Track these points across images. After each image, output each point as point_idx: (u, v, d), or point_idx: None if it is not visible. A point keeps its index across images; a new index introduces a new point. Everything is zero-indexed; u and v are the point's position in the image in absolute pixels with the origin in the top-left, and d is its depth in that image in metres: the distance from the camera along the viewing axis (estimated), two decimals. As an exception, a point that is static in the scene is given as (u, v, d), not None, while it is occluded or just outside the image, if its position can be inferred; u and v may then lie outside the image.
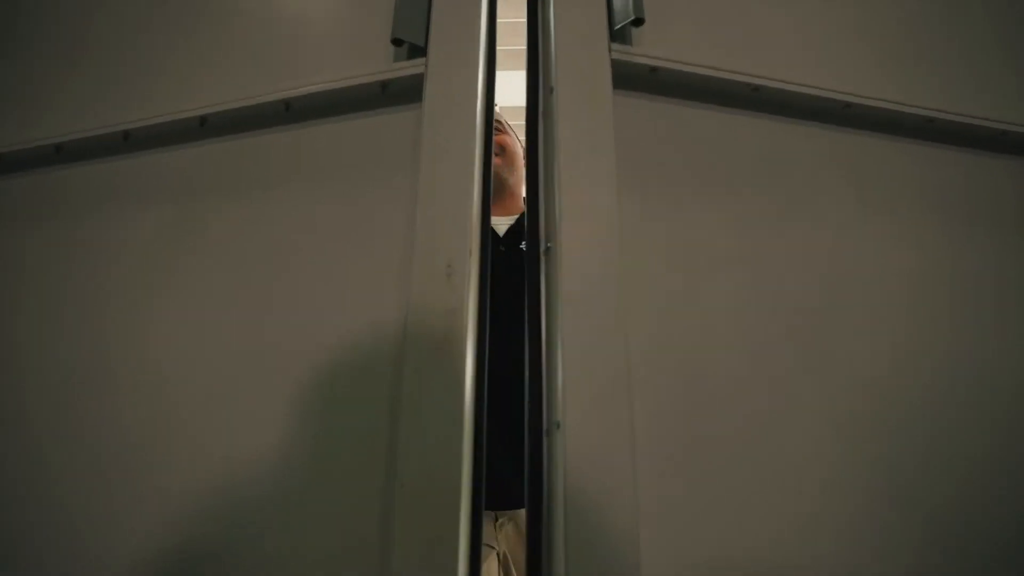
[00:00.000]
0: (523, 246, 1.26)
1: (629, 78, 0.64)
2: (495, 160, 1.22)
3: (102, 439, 0.61)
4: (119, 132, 0.75)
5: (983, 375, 0.62)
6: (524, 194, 1.44)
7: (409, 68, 0.64)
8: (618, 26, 0.63)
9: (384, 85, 0.65)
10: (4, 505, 0.61)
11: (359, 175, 0.64)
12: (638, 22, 0.62)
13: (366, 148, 0.66)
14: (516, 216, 1.28)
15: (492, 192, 1.30)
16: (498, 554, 1.08)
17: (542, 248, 0.56)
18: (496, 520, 1.07)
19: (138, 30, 0.83)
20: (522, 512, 0.98)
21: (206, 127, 0.73)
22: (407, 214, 0.57)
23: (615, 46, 0.63)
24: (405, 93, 0.64)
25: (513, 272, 1.22)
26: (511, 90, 6.80)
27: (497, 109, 1.43)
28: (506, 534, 1.07)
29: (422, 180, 0.56)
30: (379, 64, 0.66)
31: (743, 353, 0.57)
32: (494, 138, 1.31)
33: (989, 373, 0.62)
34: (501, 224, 1.26)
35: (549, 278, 0.53)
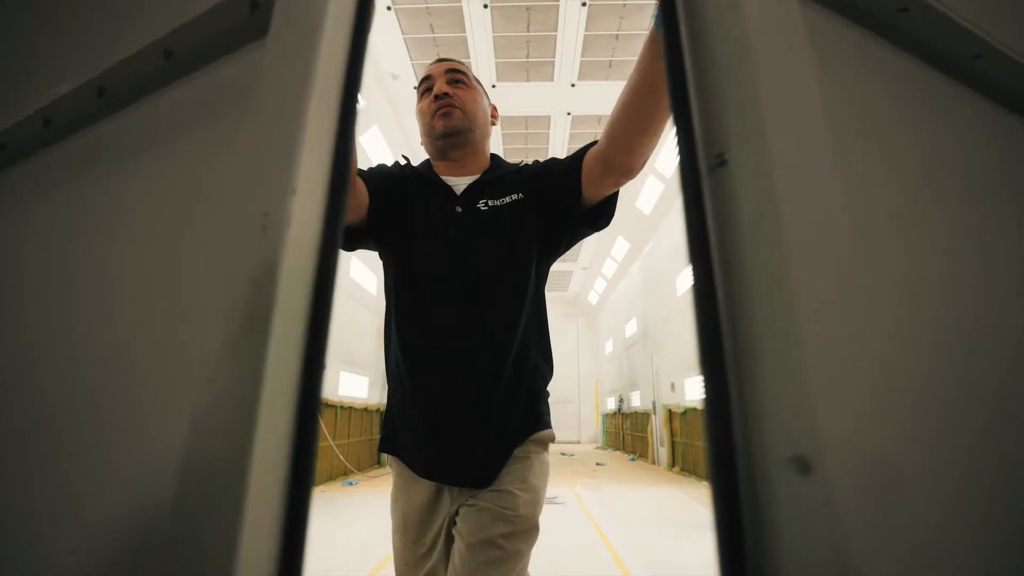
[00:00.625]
0: (484, 204, 1.14)
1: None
2: (453, 116, 1.17)
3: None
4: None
5: None
6: (490, 152, 1.32)
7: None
8: None
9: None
10: None
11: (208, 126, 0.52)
12: None
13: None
14: (476, 176, 1.21)
15: (447, 149, 1.20)
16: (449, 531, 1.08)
17: (707, 163, 0.39)
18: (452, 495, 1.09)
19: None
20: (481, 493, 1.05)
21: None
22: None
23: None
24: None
25: (470, 234, 1.11)
26: (518, 98, 6.86)
27: (462, 63, 1.30)
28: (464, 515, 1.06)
29: (251, 117, 0.43)
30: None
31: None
32: (450, 92, 1.18)
33: None
34: (460, 184, 1.20)
35: (726, 195, 0.37)
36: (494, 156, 1.32)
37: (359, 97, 0.46)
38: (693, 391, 9.92)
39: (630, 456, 14.62)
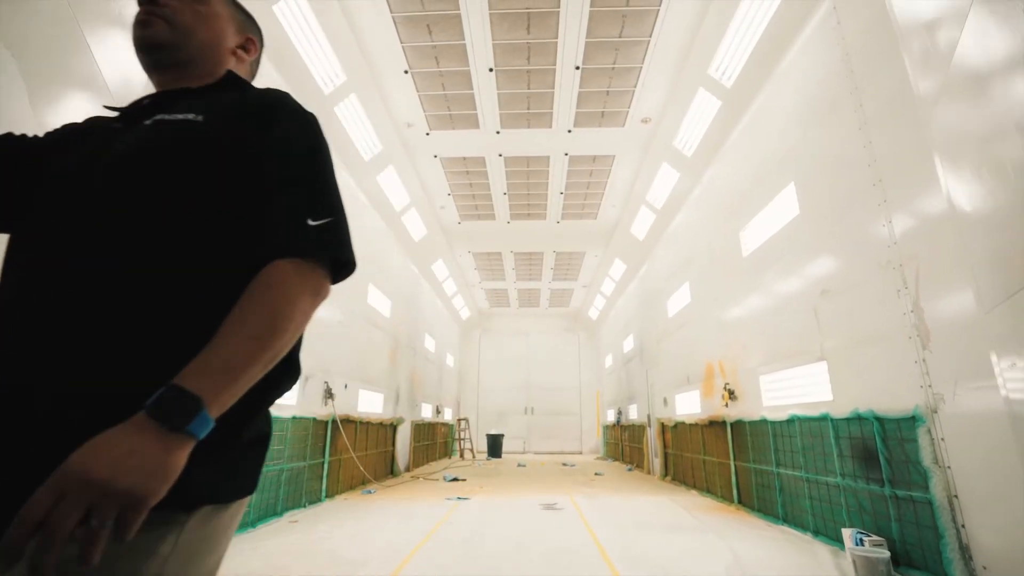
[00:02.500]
0: (161, 118, 0.89)
1: None
2: (154, 26, 0.96)
3: None
4: None
5: None
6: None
7: None
8: None
9: None
10: None
11: None
12: None
13: None
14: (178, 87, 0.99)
15: (148, 70, 0.99)
16: None
17: None
18: None
19: None
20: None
21: None
22: None
23: None
24: None
25: (119, 159, 0.84)
26: (520, 142, 8.05)
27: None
28: None
29: None
30: None
31: None
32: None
33: None
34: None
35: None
36: (231, 75, 1.04)
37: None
38: (683, 406, 10.75)
39: (628, 467, 15.39)
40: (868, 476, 4.75)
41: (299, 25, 6.56)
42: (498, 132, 9.58)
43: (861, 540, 4.37)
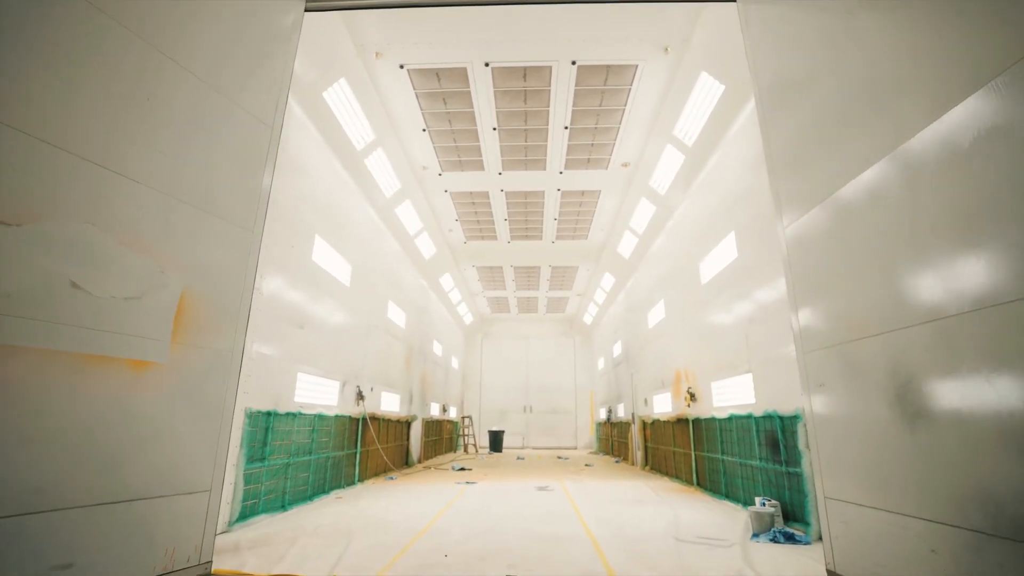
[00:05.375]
0: None
1: None
2: None
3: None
4: None
5: None
6: None
7: None
8: None
9: None
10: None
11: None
12: None
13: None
14: None
15: None
16: None
17: None
18: None
19: None
20: None
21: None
22: None
23: None
24: None
25: None
26: (519, 180, 10.30)
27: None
28: None
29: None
30: None
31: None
32: None
33: None
34: None
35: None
36: None
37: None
38: (659, 406, 12.46)
39: (615, 459, 17.11)
40: (773, 458, 6.46)
41: (342, 102, 8.25)
42: (500, 173, 11.28)
43: (764, 503, 6.07)
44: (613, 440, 18.74)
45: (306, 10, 5.61)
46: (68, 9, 3.24)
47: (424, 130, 9.67)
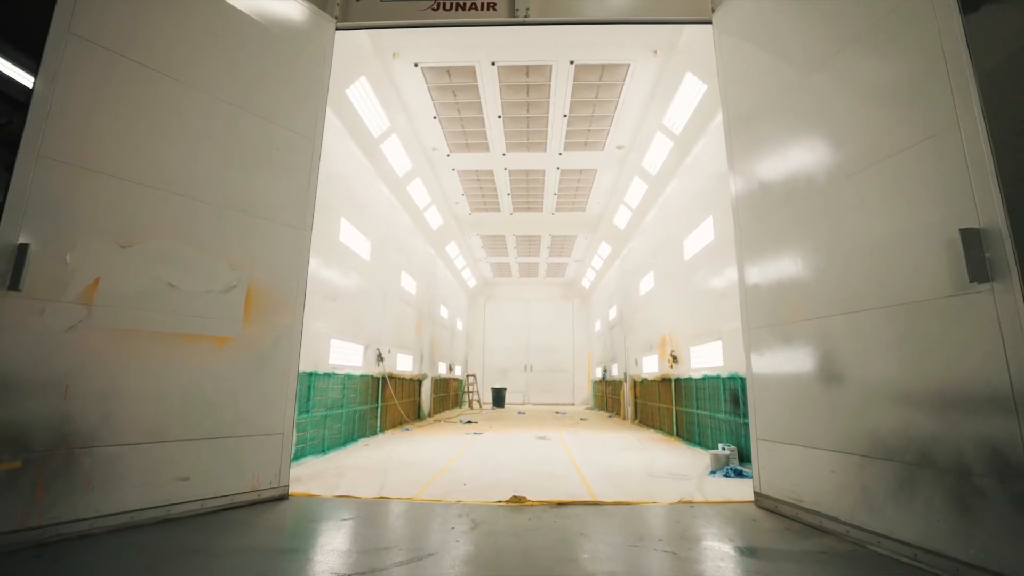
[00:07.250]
0: None
1: None
2: None
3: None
4: None
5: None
6: None
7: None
8: None
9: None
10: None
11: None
12: None
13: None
14: None
15: None
16: None
17: None
18: None
19: None
20: None
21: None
22: None
23: None
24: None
25: None
26: (521, 160, 11.61)
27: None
28: None
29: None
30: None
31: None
32: None
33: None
34: None
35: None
36: None
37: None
38: (648, 366, 13.74)
39: (609, 414, 18.61)
40: (734, 412, 7.71)
41: (362, 96, 9.12)
42: (504, 154, 12.16)
43: (723, 448, 7.35)
44: (607, 397, 20.22)
45: (337, 29, 6.48)
46: (155, 85, 4.29)
47: (435, 118, 10.52)
